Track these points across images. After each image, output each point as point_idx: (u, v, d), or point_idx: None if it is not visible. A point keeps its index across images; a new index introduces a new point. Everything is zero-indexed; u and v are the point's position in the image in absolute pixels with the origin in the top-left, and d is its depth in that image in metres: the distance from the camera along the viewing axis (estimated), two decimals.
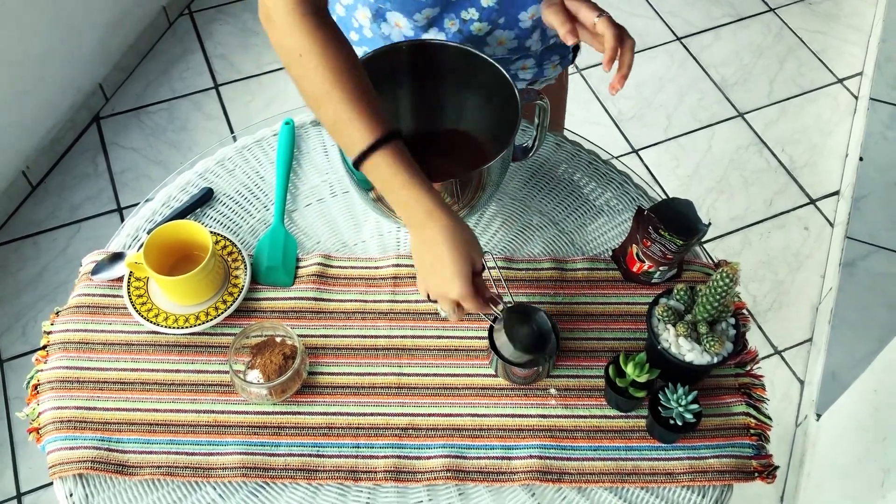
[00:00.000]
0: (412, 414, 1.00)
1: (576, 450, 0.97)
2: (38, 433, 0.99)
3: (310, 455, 0.97)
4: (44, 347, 1.04)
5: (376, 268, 1.11)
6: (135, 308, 1.04)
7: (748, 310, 2.04)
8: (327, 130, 0.92)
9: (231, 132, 2.39)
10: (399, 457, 0.97)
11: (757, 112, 2.50)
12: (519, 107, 1.01)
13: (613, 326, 1.06)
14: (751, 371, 1.04)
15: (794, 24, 2.72)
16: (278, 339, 1.02)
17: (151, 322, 1.03)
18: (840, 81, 2.58)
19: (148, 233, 1.08)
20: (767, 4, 2.78)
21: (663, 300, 0.99)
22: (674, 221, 1.01)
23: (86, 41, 2.29)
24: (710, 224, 1.03)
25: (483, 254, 0.92)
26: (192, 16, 2.66)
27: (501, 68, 1.03)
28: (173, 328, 1.03)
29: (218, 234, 1.11)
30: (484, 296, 0.92)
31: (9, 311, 2.04)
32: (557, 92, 1.38)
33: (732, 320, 0.97)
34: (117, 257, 1.10)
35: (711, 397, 1.01)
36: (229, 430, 0.98)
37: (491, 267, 1.01)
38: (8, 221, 2.19)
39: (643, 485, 0.96)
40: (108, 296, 1.08)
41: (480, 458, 0.97)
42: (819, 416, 1.79)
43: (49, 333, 1.05)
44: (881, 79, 2.45)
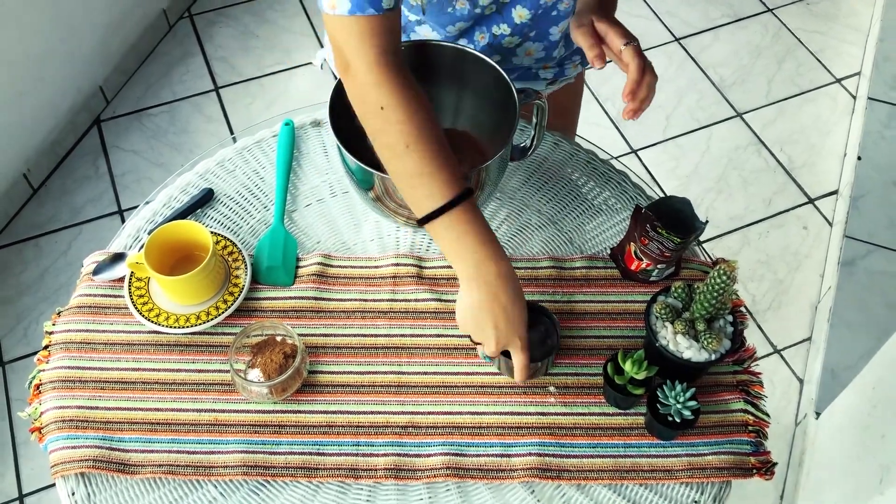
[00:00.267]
0: (412, 412, 1.00)
1: (575, 447, 0.98)
2: (40, 433, 0.99)
3: (310, 453, 0.97)
4: (46, 347, 1.05)
5: (376, 267, 1.11)
6: (136, 308, 1.05)
7: (747, 308, 2.05)
8: (397, 182, 0.93)
9: (232, 134, 2.39)
10: (399, 455, 0.97)
11: (755, 112, 2.50)
12: (517, 106, 1.02)
13: (612, 324, 1.07)
14: (749, 368, 1.04)
15: (793, 25, 2.73)
16: (279, 339, 1.02)
17: (153, 322, 1.04)
18: (838, 81, 2.58)
19: (149, 233, 1.09)
20: (765, 5, 2.78)
21: (661, 298, 0.99)
22: (671, 219, 1.01)
23: (86, 42, 2.29)
24: (708, 222, 1.03)
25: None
26: (193, 18, 2.66)
27: (500, 68, 1.04)
28: (174, 328, 1.04)
29: (218, 235, 1.11)
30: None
31: (10, 313, 2.05)
32: (574, 92, 1.38)
33: (730, 318, 0.98)
34: (118, 258, 1.11)
35: (709, 394, 1.01)
36: (230, 429, 0.99)
37: None
38: (10, 224, 2.20)
39: (642, 481, 0.96)
40: (110, 296, 1.08)
41: (480, 456, 0.97)
42: (818, 415, 1.80)
43: (51, 333, 1.06)
44: (879, 78, 2.46)
